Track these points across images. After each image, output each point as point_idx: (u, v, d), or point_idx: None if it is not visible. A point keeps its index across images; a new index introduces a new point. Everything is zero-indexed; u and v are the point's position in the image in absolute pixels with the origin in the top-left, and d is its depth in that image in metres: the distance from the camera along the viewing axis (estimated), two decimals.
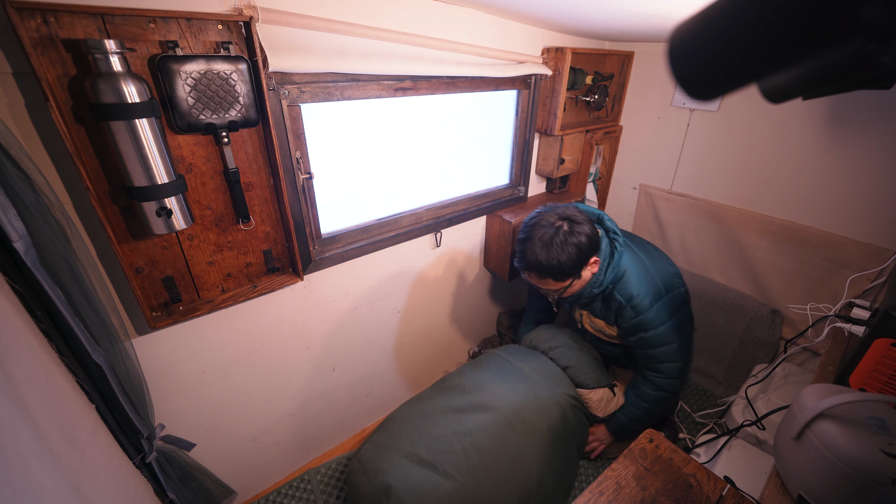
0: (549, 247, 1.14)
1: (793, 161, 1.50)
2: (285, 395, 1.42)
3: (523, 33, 1.46)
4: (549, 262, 1.14)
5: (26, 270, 0.67)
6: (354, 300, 1.45)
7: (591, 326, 1.43)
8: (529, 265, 1.18)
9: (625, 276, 1.23)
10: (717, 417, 1.63)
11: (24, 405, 0.59)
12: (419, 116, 1.43)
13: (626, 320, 1.25)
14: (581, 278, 1.21)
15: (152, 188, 0.81)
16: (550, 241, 1.14)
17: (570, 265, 1.14)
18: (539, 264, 1.15)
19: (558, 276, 1.17)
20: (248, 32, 0.88)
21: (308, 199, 1.19)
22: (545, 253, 1.14)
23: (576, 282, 1.21)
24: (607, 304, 1.29)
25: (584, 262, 1.18)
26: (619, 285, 1.23)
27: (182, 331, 1.09)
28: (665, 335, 1.24)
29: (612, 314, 1.29)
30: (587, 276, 1.22)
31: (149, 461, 0.97)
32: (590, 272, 1.22)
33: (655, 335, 1.24)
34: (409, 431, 1.29)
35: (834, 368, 1.11)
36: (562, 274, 1.16)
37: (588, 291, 1.25)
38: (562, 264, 1.14)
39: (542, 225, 1.17)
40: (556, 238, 1.14)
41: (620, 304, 1.24)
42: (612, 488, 0.82)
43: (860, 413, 0.74)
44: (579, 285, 1.23)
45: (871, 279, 1.39)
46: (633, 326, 1.25)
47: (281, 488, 1.53)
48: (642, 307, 1.21)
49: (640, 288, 1.21)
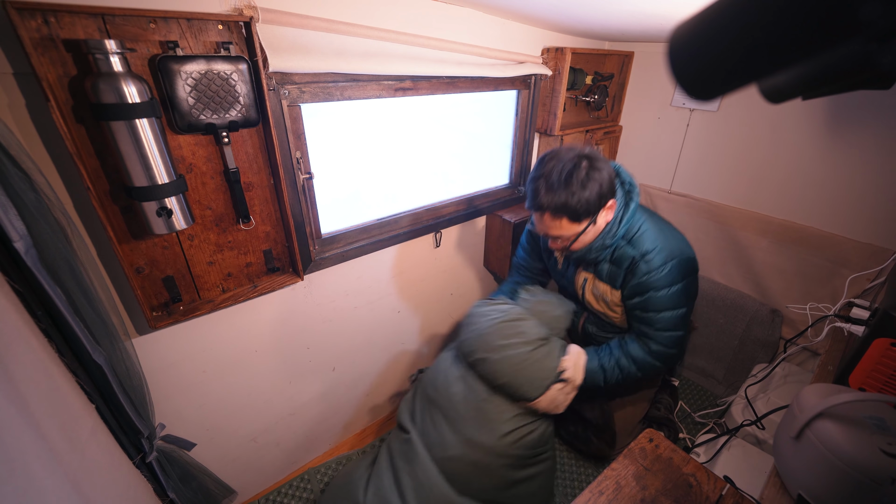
0: (568, 181, 1.02)
1: (792, 161, 1.50)
2: (285, 395, 1.42)
3: (523, 33, 1.46)
4: (567, 197, 1.03)
5: (27, 270, 0.67)
6: (354, 300, 1.45)
7: (594, 294, 1.31)
8: (544, 203, 1.06)
9: (640, 231, 1.16)
10: (717, 417, 1.63)
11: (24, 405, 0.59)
12: (419, 116, 1.43)
13: (638, 277, 1.15)
14: (597, 224, 1.11)
15: (153, 188, 0.81)
16: (570, 175, 1.03)
17: (590, 202, 1.04)
18: (556, 200, 1.04)
19: (575, 216, 1.06)
20: (249, 33, 0.88)
21: (308, 199, 1.19)
22: (564, 188, 1.03)
23: (591, 228, 1.11)
24: (617, 264, 1.19)
25: (603, 203, 1.08)
26: (634, 240, 1.16)
27: (182, 331, 1.09)
28: (674, 298, 1.16)
29: (622, 273, 1.19)
30: (601, 224, 1.13)
31: (149, 461, 0.97)
32: (604, 219, 1.12)
33: (665, 297, 1.15)
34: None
35: (833, 368, 1.11)
36: (579, 213, 1.05)
37: (599, 244, 1.15)
38: (581, 201, 1.03)
39: (561, 159, 1.05)
40: (577, 172, 1.03)
41: (633, 260, 1.15)
42: (612, 488, 0.82)
43: (860, 413, 0.74)
44: (593, 233, 1.14)
45: (871, 279, 1.39)
46: (642, 284, 1.15)
47: (281, 488, 1.53)
48: (655, 263, 1.13)
49: (654, 244, 1.14)
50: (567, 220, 1.07)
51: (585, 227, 1.10)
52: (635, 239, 1.16)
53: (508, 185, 1.80)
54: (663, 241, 1.15)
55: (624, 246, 1.17)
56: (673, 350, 1.22)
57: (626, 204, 1.15)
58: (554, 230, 1.11)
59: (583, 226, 1.09)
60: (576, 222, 1.08)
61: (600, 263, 1.23)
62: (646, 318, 1.20)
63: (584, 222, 1.08)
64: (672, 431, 1.66)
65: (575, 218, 1.07)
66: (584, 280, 1.32)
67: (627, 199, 1.15)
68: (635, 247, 1.15)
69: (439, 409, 1.26)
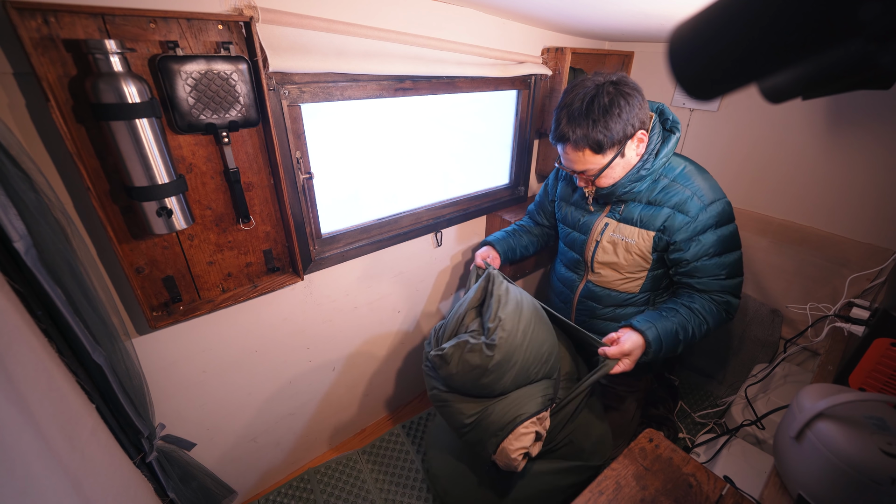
0: (589, 109, 0.95)
1: (792, 161, 1.50)
2: (285, 395, 1.42)
3: (523, 33, 1.46)
4: (588, 126, 0.96)
5: (27, 270, 0.67)
6: (354, 300, 1.45)
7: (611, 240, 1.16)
8: (564, 134, 0.99)
9: (683, 169, 1.07)
10: (717, 417, 1.63)
11: (24, 405, 0.59)
12: (419, 116, 1.43)
13: (693, 215, 1.03)
14: (625, 157, 1.02)
15: (153, 188, 0.81)
16: (592, 102, 0.95)
17: (613, 132, 0.96)
18: (577, 130, 0.97)
19: (598, 147, 0.98)
20: (249, 32, 0.88)
21: (308, 198, 1.19)
22: (585, 116, 0.95)
23: (618, 161, 1.02)
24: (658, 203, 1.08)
25: (630, 133, 0.98)
26: (680, 176, 1.07)
27: (182, 330, 1.09)
28: (732, 237, 1.05)
29: (666, 212, 1.06)
30: (631, 157, 1.03)
31: (149, 461, 0.97)
32: (634, 152, 1.03)
33: (725, 235, 1.04)
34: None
35: (833, 368, 1.11)
36: (602, 144, 0.97)
37: (629, 178, 1.06)
38: (603, 130, 0.95)
39: (584, 87, 0.98)
40: (599, 100, 0.95)
41: (684, 197, 1.04)
42: (612, 488, 0.82)
43: (860, 413, 0.74)
44: (622, 167, 1.04)
45: (871, 279, 1.39)
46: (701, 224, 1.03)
47: (281, 488, 1.53)
48: (707, 198, 1.04)
49: (704, 181, 1.06)
50: (589, 151, 0.99)
51: (611, 160, 1.01)
52: (680, 175, 1.07)
53: (508, 185, 1.80)
54: (710, 181, 1.07)
55: (667, 184, 1.07)
56: (737, 301, 1.10)
57: (665, 139, 1.06)
58: (578, 163, 1.03)
59: (607, 158, 1.01)
60: (599, 154, 1.00)
61: (630, 204, 1.12)
62: (708, 267, 1.06)
63: (608, 154, 1.00)
64: (672, 431, 1.66)
65: (598, 149, 0.99)
66: (605, 225, 1.17)
67: (668, 134, 1.07)
68: (684, 182, 1.06)
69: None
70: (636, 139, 1.01)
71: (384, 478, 1.57)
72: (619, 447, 1.52)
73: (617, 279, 1.21)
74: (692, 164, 1.10)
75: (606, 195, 1.13)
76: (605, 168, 1.02)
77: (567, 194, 1.30)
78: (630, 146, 1.02)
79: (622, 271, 1.18)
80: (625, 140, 0.99)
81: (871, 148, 1.33)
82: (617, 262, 1.17)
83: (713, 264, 1.06)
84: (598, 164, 1.02)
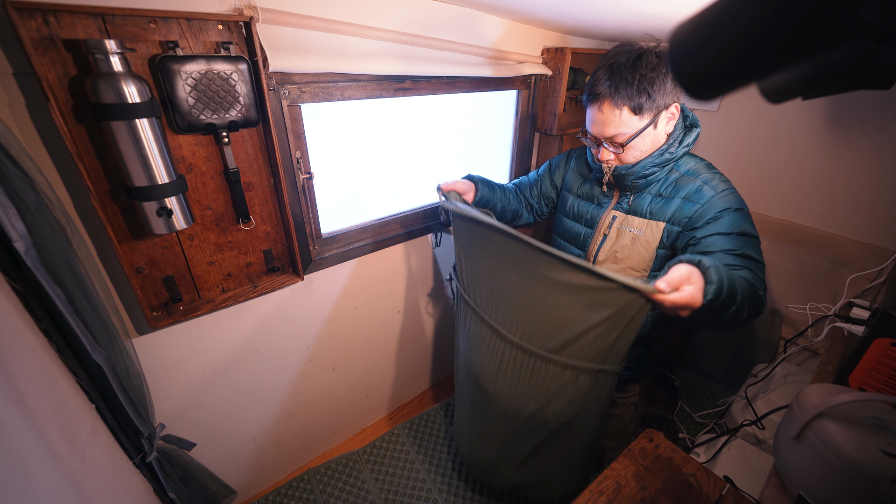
0: (637, 62, 0.92)
1: (792, 161, 1.50)
2: (285, 395, 1.42)
3: (523, 33, 1.46)
4: (634, 81, 0.92)
5: (27, 270, 0.67)
6: (354, 300, 1.45)
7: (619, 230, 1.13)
8: (602, 90, 0.95)
9: (698, 164, 1.07)
10: (717, 417, 1.63)
11: (24, 405, 0.59)
12: (419, 116, 1.43)
13: (705, 201, 1.00)
14: (656, 129, 1.00)
15: (153, 188, 0.81)
16: (640, 56, 0.92)
17: (657, 93, 0.93)
18: (620, 84, 0.93)
19: (638, 107, 0.95)
20: (249, 32, 0.88)
21: (308, 198, 1.19)
22: (632, 68, 0.92)
23: (650, 132, 0.99)
24: (670, 194, 1.06)
25: (668, 104, 0.96)
26: (692, 171, 1.06)
27: (182, 330, 1.09)
28: (746, 221, 0.99)
29: (677, 203, 1.04)
30: (661, 134, 1.01)
31: (149, 461, 0.97)
32: (664, 129, 1.01)
33: (738, 219, 0.98)
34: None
35: (833, 368, 1.11)
36: (642, 104, 0.94)
37: (652, 160, 1.03)
38: (648, 88, 0.92)
39: (630, 46, 0.95)
40: (649, 56, 0.92)
41: (696, 187, 1.03)
42: (612, 488, 0.82)
43: (860, 413, 0.74)
44: (650, 143, 1.02)
45: (871, 279, 1.39)
46: (713, 210, 0.99)
47: (281, 488, 1.53)
48: (720, 186, 1.02)
49: (717, 176, 1.05)
50: (628, 110, 0.96)
51: (645, 126, 0.98)
52: (692, 170, 1.06)
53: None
54: (722, 176, 1.06)
55: (678, 177, 1.06)
56: (764, 282, 0.95)
57: (687, 132, 1.06)
58: (610, 125, 0.99)
59: (643, 122, 0.97)
60: (637, 115, 0.96)
61: (641, 195, 1.10)
62: (727, 243, 0.96)
63: (645, 117, 0.97)
64: (672, 431, 1.66)
65: (637, 109, 0.95)
66: (613, 218, 1.14)
67: (688, 129, 1.06)
68: (695, 176, 1.05)
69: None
70: (670, 112, 0.99)
71: (384, 478, 1.57)
72: (618, 447, 1.53)
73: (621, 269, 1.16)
74: (704, 161, 1.10)
75: (622, 177, 1.08)
76: (636, 135, 0.99)
77: (574, 185, 1.26)
78: (663, 119, 0.99)
79: (625, 267, 1.15)
80: (663, 108, 0.97)
81: (871, 148, 1.33)
82: (621, 254, 1.14)
83: (730, 240, 0.97)
84: (632, 129, 0.98)
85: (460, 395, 1.38)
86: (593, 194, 1.20)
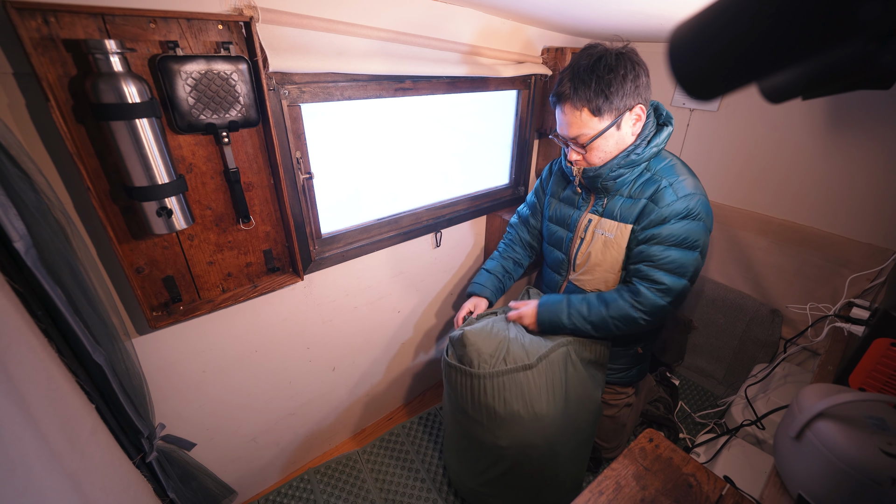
0: (595, 65, 0.95)
1: (792, 161, 1.50)
2: (285, 395, 1.42)
3: (523, 33, 1.46)
4: (590, 84, 0.95)
5: (27, 270, 0.67)
6: (354, 300, 1.45)
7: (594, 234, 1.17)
8: (565, 91, 0.99)
9: (668, 163, 1.08)
10: (717, 417, 1.63)
11: (24, 405, 0.59)
12: (419, 116, 1.43)
13: (664, 204, 1.03)
14: (620, 130, 1.02)
15: (153, 188, 0.81)
16: (599, 59, 0.96)
17: (614, 94, 0.96)
18: (578, 87, 0.96)
19: (596, 109, 0.97)
20: (249, 32, 0.88)
21: (308, 198, 1.19)
22: (589, 73, 0.95)
23: (613, 132, 1.02)
24: (637, 196, 1.08)
25: (630, 106, 0.99)
26: (662, 169, 1.07)
27: (182, 330, 1.09)
28: (693, 234, 1.02)
29: (642, 203, 1.07)
30: (626, 134, 1.03)
31: (149, 461, 0.97)
32: (630, 129, 1.03)
33: (686, 229, 1.02)
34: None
35: (833, 368, 1.11)
36: (600, 105, 0.97)
37: (619, 161, 1.05)
38: (605, 90, 0.95)
39: (594, 50, 0.98)
40: (607, 58, 0.95)
41: (660, 187, 1.05)
42: (612, 488, 0.82)
43: (860, 413, 0.74)
44: (615, 143, 1.04)
45: (871, 279, 1.39)
46: (663, 212, 1.03)
47: (281, 488, 1.53)
48: (683, 190, 1.03)
49: (686, 178, 1.06)
50: (587, 112, 0.99)
51: (607, 127, 1.00)
52: (664, 168, 1.07)
53: (508, 185, 1.80)
54: (692, 179, 1.07)
55: (649, 177, 1.08)
56: (663, 302, 1.04)
57: (658, 131, 1.07)
58: (573, 126, 1.02)
59: (604, 123, 1.00)
60: (596, 117, 0.99)
61: (615, 198, 1.12)
62: (650, 253, 1.05)
63: (605, 118, 0.99)
64: (672, 431, 1.66)
65: (596, 110, 0.98)
66: (589, 221, 1.18)
67: (661, 128, 1.07)
68: (665, 174, 1.07)
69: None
70: (634, 114, 1.01)
71: (384, 478, 1.57)
72: (616, 448, 1.53)
73: (593, 279, 1.20)
74: (679, 160, 1.10)
75: (592, 178, 1.11)
76: (598, 135, 1.01)
77: (557, 190, 1.30)
78: (627, 120, 1.01)
79: (600, 270, 1.18)
80: (623, 110, 0.99)
81: (871, 148, 1.33)
82: (596, 258, 1.17)
83: (658, 252, 1.04)
84: (593, 129, 1.01)
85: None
86: (573, 198, 1.23)
